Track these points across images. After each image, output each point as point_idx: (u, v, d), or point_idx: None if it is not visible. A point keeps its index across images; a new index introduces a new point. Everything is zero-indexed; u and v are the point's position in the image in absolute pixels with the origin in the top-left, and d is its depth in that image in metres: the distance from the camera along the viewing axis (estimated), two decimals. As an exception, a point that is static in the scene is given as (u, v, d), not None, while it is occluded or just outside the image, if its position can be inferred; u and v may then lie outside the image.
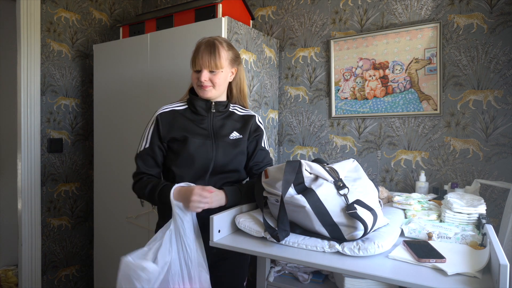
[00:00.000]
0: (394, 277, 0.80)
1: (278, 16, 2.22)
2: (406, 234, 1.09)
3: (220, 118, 1.29)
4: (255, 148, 1.33)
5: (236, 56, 1.30)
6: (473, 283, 0.78)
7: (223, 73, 1.24)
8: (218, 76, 1.23)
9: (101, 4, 2.50)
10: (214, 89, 1.24)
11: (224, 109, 1.31)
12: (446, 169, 1.75)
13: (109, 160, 2.20)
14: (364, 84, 1.94)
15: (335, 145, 2.05)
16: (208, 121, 1.27)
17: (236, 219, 1.15)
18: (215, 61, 1.21)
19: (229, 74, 1.29)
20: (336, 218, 0.98)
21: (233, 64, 1.29)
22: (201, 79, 1.21)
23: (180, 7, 1.98)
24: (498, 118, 1.64)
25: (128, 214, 2.10)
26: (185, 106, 1.30)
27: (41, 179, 2.19)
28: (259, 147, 1.34)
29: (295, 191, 1.02)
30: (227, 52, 1.25)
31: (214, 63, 1.21)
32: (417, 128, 1.82)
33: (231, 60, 1.27)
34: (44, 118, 2.20)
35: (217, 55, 1.22)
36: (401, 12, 1.85)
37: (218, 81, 1.23)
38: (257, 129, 1.35)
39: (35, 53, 2.12)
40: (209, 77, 1.22)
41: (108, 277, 2.24)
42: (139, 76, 2.03)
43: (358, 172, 1.12)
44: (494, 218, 1.62)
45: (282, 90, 2.22)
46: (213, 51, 1.21)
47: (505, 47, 1.62)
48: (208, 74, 1.22)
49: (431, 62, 1.76)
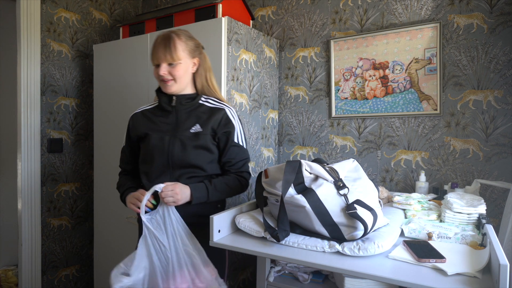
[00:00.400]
0: (394, 277, 0.81)
1: (278, 16, 2.22)
2: (406, 234, 1.09)
3: (186, 112, 1.27)
4: (226, 144, 1.26)
5: (195, 46, 1.27)
6: (473, 283, 0.78)
7: (182, 64, 1.23)
8: (177, 69, 1.22)
9: (101, 4, 2.50)
10: (176, 83, 1.24)
11: (191, 102, 1.28)
12: (446, 169, 1.75)
13: (109, 160, 2.20)
14: (364, 84, 1.94)
15: (335, 145, 2.05)
16: (172, 115, 1.28)
17: (236, 219, 1.15)
18: (170, 53, 1.20)
19: (191, 65, 1.27)
20: (336, 218, 0.98)
21: (193, 54, 1.26)
22: (160, 73, 1.21)
23: (180, 7, 1.98)
24: (498, 118, 1.64)
25: (128, 214, 2.10)
26: (156, 104, 1.33)
27: (41, 179, 2.19)
28: (230, 143, 1.26)
29: (295, 191, 1.02)
30: (185, 43, 1.23)
31: (170, 55, 1.20)
32: (417, 128, 1.82)
33: (190, 51, 1.25)
34: (44, 118, 2.20)
35: (173, 46, 1.20)
36: (401, 12, 1.85)
37: (178, 73, 1.22)
38: (227, 124, 1.27)
39: (35, 53, 2.12)
40: (168, 70, 1.22)
41: (108, 277, 2.24)
42: (139, 76, 2.03)
43: (358, 172, 1.12)
44: (494, 218, 1.62)
45: (282, 90, 2.22)
46: (168, 44, 1.21)
47: (505, 47, 1.62)
48: (167, 67, 1.22)
49: (431, 62, 1.76)
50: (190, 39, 1.27)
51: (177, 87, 1.24)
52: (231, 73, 1.76)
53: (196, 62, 1.28)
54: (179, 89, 1.26)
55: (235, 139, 1.27)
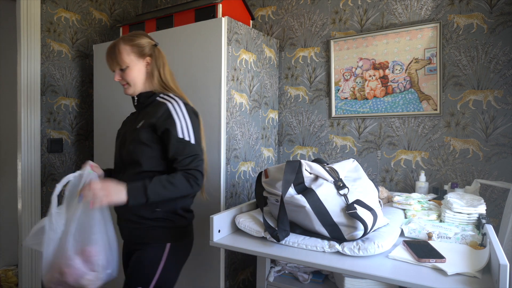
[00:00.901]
0: (394, 277, 0.81)
1: (278, 16, 2.22)
2: (406, 234, 1.09)
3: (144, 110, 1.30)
4: (168, 139, 1.19)
5: (141, 46, 1.27)
6: (473, 283, 0.78)
7: (131, 68, 1.25)
8: (127, 73, 1.26)
9: (101, 4, 2.50)
10: (131, 86, 1.28)
11: (148, 99, 1.29)
12: (446, 169, 1.75)
13: (109, 160, 2.20)
14: (364, 84, 1.94)
15: (335, 145, 2.05)
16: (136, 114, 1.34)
17: (236, 219, 1.15)
18: (116, 59, 1.25)
19: (143, 66, 1.28)
20: (336, 218, 0.98)
21: (141, 55, 1.27)
22: (114, 79, 1.28)
23: (180, 7, 1.98)
24: (498, 118, 1.64)
25: (128, 214, 2.10)
26: None
27: (41, 179, 2.19)
28: (174, 139, 1.18)
29: (295, 191, 1.02)
30: (130, 46, 1.25)
31: (116, 62, 1.25)
32: (417, 128, 1.82)
33: (137, 53, 1.26)
34: (44, 118, 2.20)
35: (118, 53, 1.24)
36: (401, 12, 1.85)
37: (129, 77, 1.26)
38: (167, 119, 1.19)
39: (35, 53, 2.12)
40: (121, 75, 1.27)
41: (108, 277, 2.24)
42: (139, 76, 2.03)
43: (358, 172, 1.12)
44: (494, 218, 1.62)
45: (282, 90, 2.22)
46: (113, 51, 1.26)
47: (505, 47, 1.62)
48: (119, 73, 1.27)
49: (431, 62, 1.76)
50: (135, 40, 1.27)
51: (132, 89, 1.29)
52: (231, 73, 1.76)
53: (148, 61, 1.28)
54: (136, 91, 1.29)
55: (179, 134, 1.18)
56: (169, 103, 1.23)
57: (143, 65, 1.28)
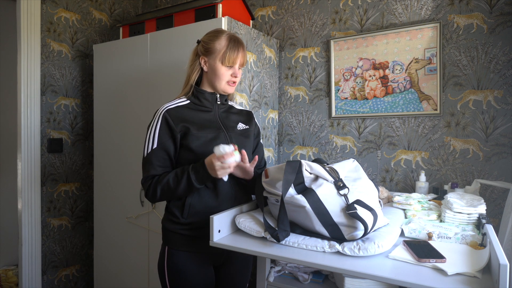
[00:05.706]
0: (394, 277, 0.80)
1: (278, 16, 2.22)
2: (406, 234, 1.09)
3: (223, 111, 1.32)
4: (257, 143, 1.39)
5: None
6: (473, 283, 0.78)
7: None
8: (240, 72, 1.28)
9: (101, 4, 2.50)
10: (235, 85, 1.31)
11: (225, 102, 1.34)
12: (446, 169, 1.75)
13: (109, 160, 2.20)
14: (364, 84, 1.94)
15: (335, 145, 2.05)
16: (214, 113, 1.28)
17: (236, 219, 1.15)
18: (245, 57, 1.26)
19: None
20: (336, 218, 0.98)
21: None
22: (237, 75, 1.24)
23: (180, 7, 1.98)
24: (498, 118, 1.64)
25: (128, 214, 2.10)
26: (188, 101, 1.26)
27: (41, 179, 2.19)
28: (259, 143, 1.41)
29: (295, 191, 1.02)
30: None
31: (245, 59, 1.27)
32: (417, 128, 1.82)
33: None
34: (44, 118, 2.20)
35: (245, 51, 1.26)
36: (401, 12, 1.85)
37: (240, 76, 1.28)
38: (256, 125, 1.41)
39: (35, 53, 2.12)
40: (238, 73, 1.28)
41: (108, 277, 2.24)
42: (139, 76, 2.03)
43: (358, 172, 1.12)
44: (494, 218, 1.62)
45: (282, 90, 2.22)
46: (243, 49, 1.25)
47: (505, 47, 1.62)
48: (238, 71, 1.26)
49: (431, 62, 1.76)
50: None
51: None
52: (231, 73, 1.76)
53: None
54: None
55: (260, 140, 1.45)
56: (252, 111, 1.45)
57: None
